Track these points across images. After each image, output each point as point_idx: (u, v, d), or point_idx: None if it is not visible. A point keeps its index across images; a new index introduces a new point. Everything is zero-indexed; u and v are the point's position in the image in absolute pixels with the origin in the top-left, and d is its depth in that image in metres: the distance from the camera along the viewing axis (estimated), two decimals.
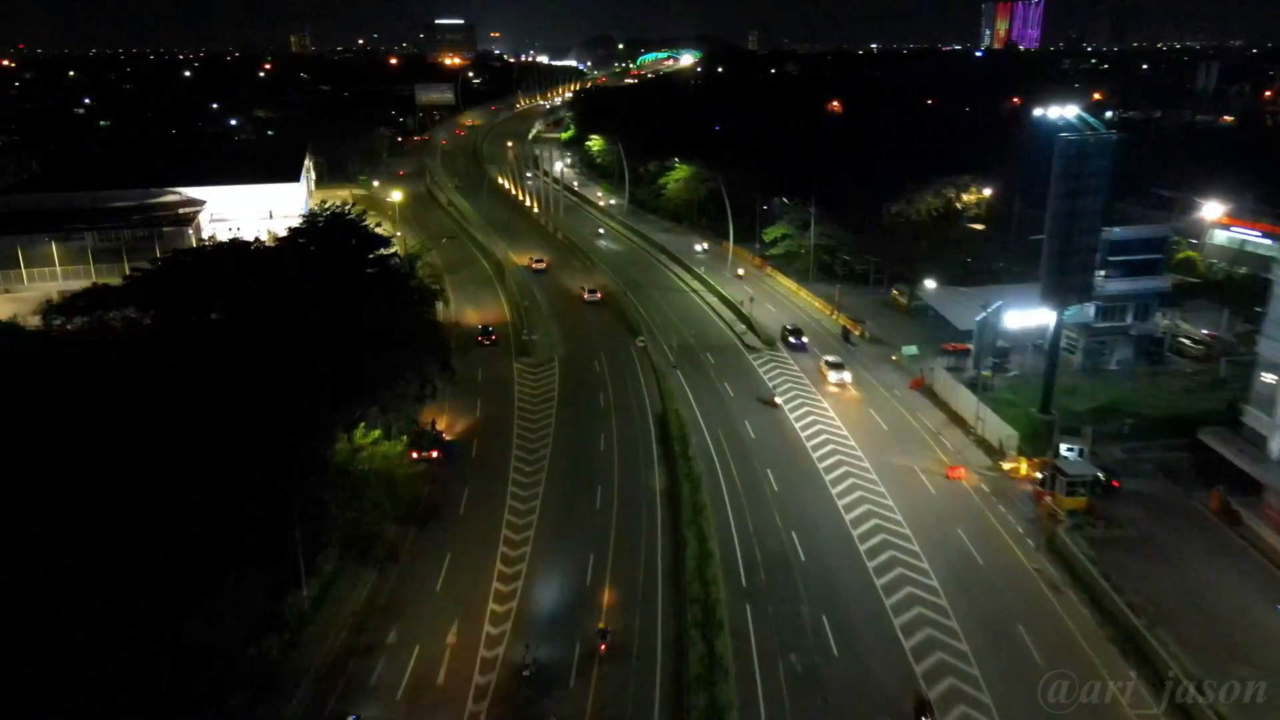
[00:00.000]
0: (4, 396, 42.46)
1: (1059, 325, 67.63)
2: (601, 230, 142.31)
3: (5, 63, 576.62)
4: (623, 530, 54.70)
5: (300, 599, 46.31)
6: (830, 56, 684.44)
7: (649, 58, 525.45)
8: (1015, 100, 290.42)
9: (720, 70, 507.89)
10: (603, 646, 43.45)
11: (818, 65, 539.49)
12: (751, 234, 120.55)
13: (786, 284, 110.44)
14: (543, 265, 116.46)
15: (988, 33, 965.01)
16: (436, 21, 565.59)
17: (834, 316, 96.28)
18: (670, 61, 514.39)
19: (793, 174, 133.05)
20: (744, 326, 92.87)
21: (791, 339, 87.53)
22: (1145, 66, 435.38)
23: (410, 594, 49.07)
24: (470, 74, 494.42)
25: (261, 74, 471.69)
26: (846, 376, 77.27)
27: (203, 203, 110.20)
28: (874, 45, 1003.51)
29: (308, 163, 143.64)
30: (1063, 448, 58.82)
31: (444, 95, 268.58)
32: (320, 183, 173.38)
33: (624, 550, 52.59)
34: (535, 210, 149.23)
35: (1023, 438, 62.63)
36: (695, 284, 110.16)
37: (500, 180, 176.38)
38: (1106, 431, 63.70)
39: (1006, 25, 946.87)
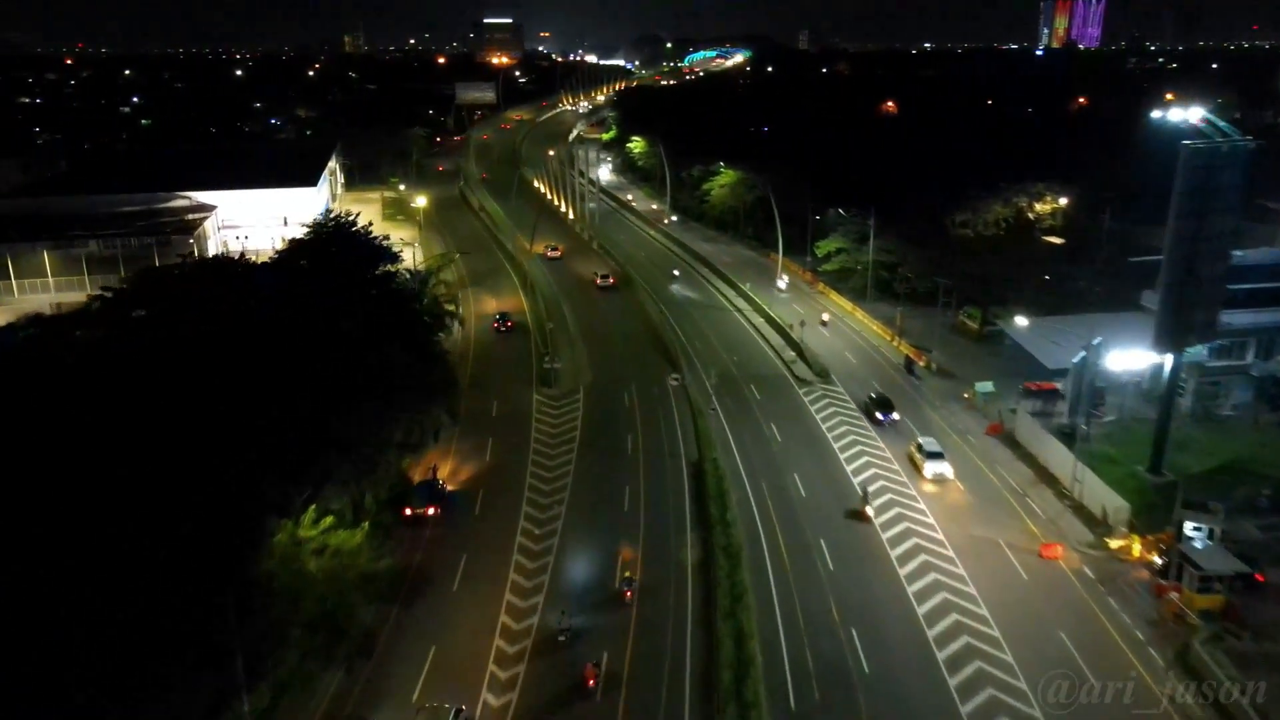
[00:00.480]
0: None
1: (1175, 370, 56.28)
2: (639, 238, 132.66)
3: (67, 61, 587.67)
4: (644, 621, 44.79)
5: (242, 715, 37.22)
6: (882, 56, 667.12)
7: (697, 57, 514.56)
8: (1080, 101, 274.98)
9: (769, 70, 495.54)
10: None
11: (869, 64, 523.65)
12: (802, 245, 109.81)
13: (840, 303, 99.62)
14: (558, 254, 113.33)
15: (1045, 31, 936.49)
16: (485, 20, 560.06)
17: (895, 343, 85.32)
18: (719, 61, 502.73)
19: (846, 180, 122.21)
20: (793, 354, 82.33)
21: (880, 413, 67.71)
22: (1215, 66, 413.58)
23: (382, 699, 39.79)
24: (516, 73, 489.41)
25: (311, 73, 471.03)
26: (947, 471, 58.69)
27: (212, 208, 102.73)
28: (927, 44, 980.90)
29: (332, 165, 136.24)
30: (1188, 527, 47.57)
31: (485, 94, 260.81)
32: (350, 185, 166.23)
33: (644, 650, 42.69)
34: (570, 216, 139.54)
35: (1133, 507, 51.43)
36: (740, 301, 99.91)
37: (536, 184, 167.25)
38: (1236, 502, 52.22)
39: (1066, 23, 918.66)
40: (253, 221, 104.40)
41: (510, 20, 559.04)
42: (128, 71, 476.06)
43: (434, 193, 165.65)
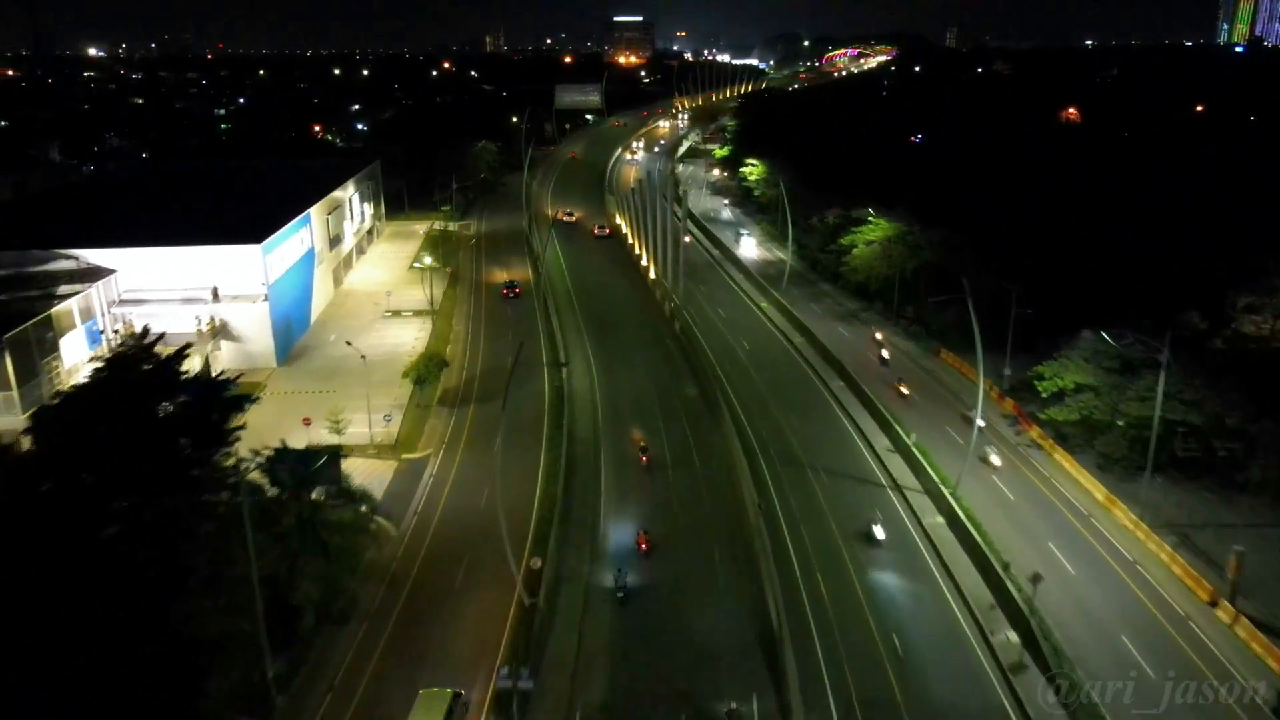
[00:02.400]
0: None
1: None
2: (743, 312, 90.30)
3: (208, 57, 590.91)
4: None
5: None
6: (1045, 54, 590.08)
7: (837, 55, 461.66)
8: None
9: (916, 69, 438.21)
10: None
11: (1032, 63, 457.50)
12: (991, 343, 65.55)
13: (1076, 473, 55.33)
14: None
15: (1225, 26, 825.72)
16: (615, 19, 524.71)
17: (1234, 623, 40.93)
18: (861, 59, 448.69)
19: (1064, 249, 77.65)
20: (1020, 655, 39.17)
21: None
22: None
23: None
24: (642, 73, 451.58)
25: (435, 73, 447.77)
26: None
27: (106, 274, 68.01)
28: (1089, 41, 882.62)
29: (345, 194, 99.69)
30: None
31: (588, 97, 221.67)
32: (398, 212, 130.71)
33: None
34: (652, 273, 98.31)
35: None
36: (904, 471, 56.92)
37: (619, 219, 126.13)
38: None
39: (1250, 17, 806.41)
40: (169, 292, 68.98)
41: (640, 18, 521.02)
42: (261, 71, 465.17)
43: (499, 225, 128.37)
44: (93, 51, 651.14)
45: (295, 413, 62.22)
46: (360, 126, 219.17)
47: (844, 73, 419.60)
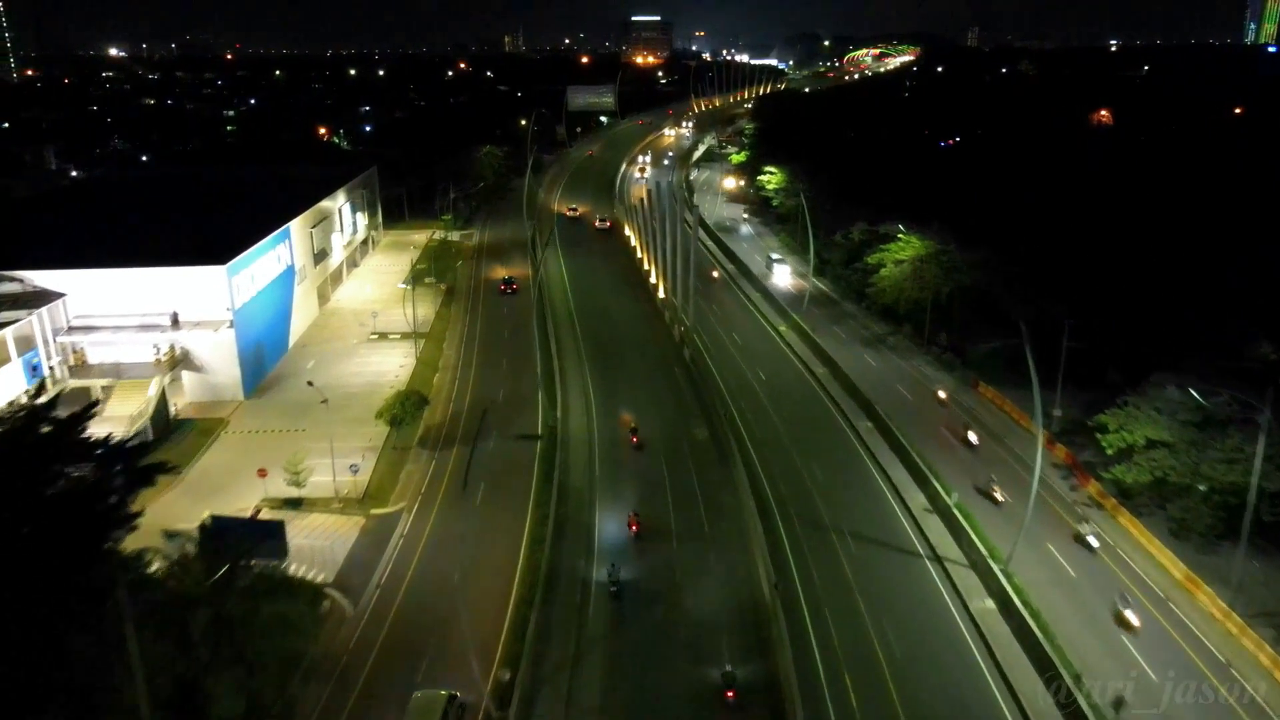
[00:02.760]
0: None
1: None
2: (759, 336, 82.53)
3: (228, 57, 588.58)
4: None
5: None
6: (1070, 53, 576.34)
7: (860, 55, 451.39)
8: None
9: (939, 70, 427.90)
10: None
11: (1057, 63, 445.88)
12: (1037, 376, 57.65)
13: (1149, 547, 47.24)
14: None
15: (1253, 26, 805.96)
16: (632, 19, 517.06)
17: None
18: (882, 59, 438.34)
19: (1099, 251, 69.64)
20: None
21: None
22: None
23: None
24: (659, 73, 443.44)
25: (450, 74, 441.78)
26: None
27: (54, 298, 61.30)
28: (1112, 42, 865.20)
29: (334, 204, 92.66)
30: None
31: (602, 98, 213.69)
32: (397, 220, 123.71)
33: None
34: (661, 292, 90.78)
35: None
36: (931, 521, 49.19)
37: (629, 231, 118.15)
38: None
39: (1278, 17, 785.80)
40: (124, 318, 62.17)
41: (658, 18, 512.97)
42: (278, 72, 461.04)
43: (503, 234, 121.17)
44: (114, 52, 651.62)
45: (258, 454, 55.31)
46: (368, 129, 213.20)
47: (869, 73, 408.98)
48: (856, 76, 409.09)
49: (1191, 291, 73.39)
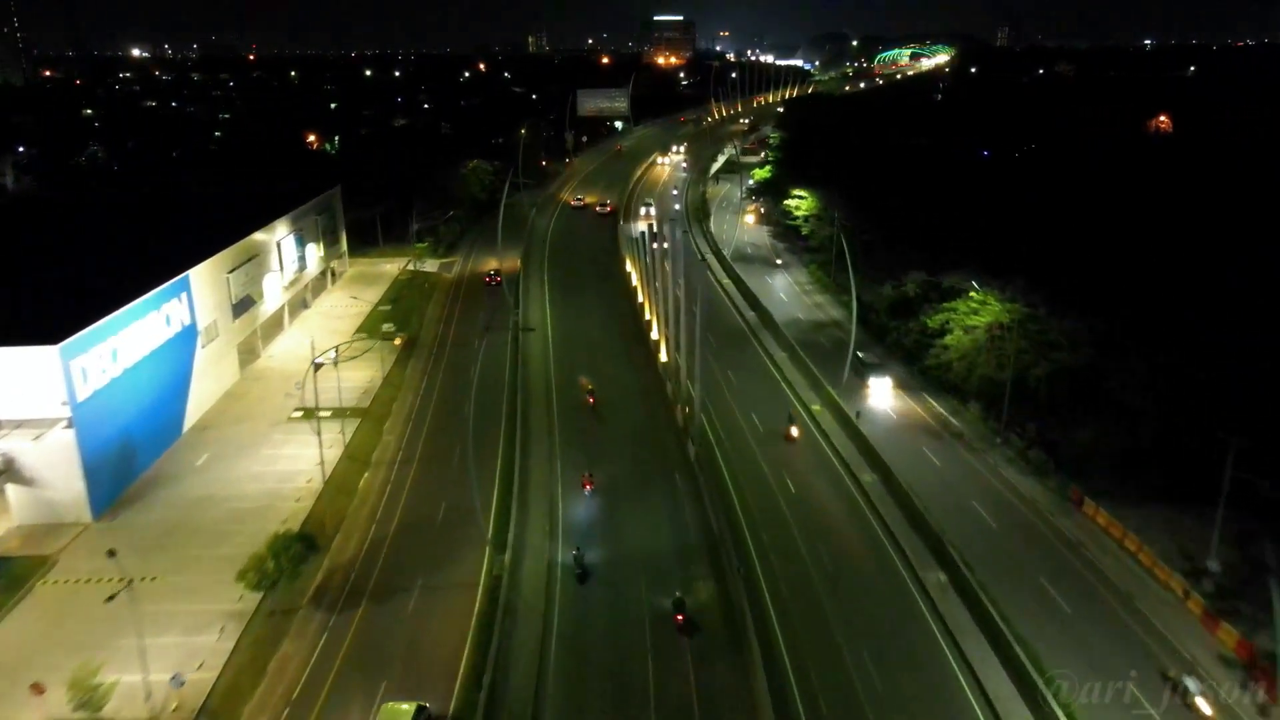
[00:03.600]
0: None
1: None
2: (783, 416, 63.72)
3: (250, 58, 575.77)
4: None
5: None
6: (1109, 54, 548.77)
7: (889, 55, 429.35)
8: None
9: (973, 71, 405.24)
10: None
11: (1097, 64, 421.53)
12: (1171, 499, 39.55)
13: None
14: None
15: None
16: (654, 18, 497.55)
17: None
18: (915, 60, 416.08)
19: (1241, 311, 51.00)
20: None
21: None
22: None
23: None
24: (681, 74, 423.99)
25: (468, 74, 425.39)
26: None
27: None
28: (1147, 42, 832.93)
29: (274, 237, 75.15)
30: None
31: (614, 103, 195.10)
32: (369, 247, 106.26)
33: None
34: (663, 354, 70.83)
35: None
36: None
37: (629, 267, 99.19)
38: None
39: None
40: None
41: (680, 17, 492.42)
42: (293, 73, 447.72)
43: (490, 261, 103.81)
44: (136, 52, 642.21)
45: (75, 626, 38.39)
46: (363, 132, 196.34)
47: (903, 74, 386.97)
48: (896, 77, 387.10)
49: None
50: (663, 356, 68.48)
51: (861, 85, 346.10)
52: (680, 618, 38.78)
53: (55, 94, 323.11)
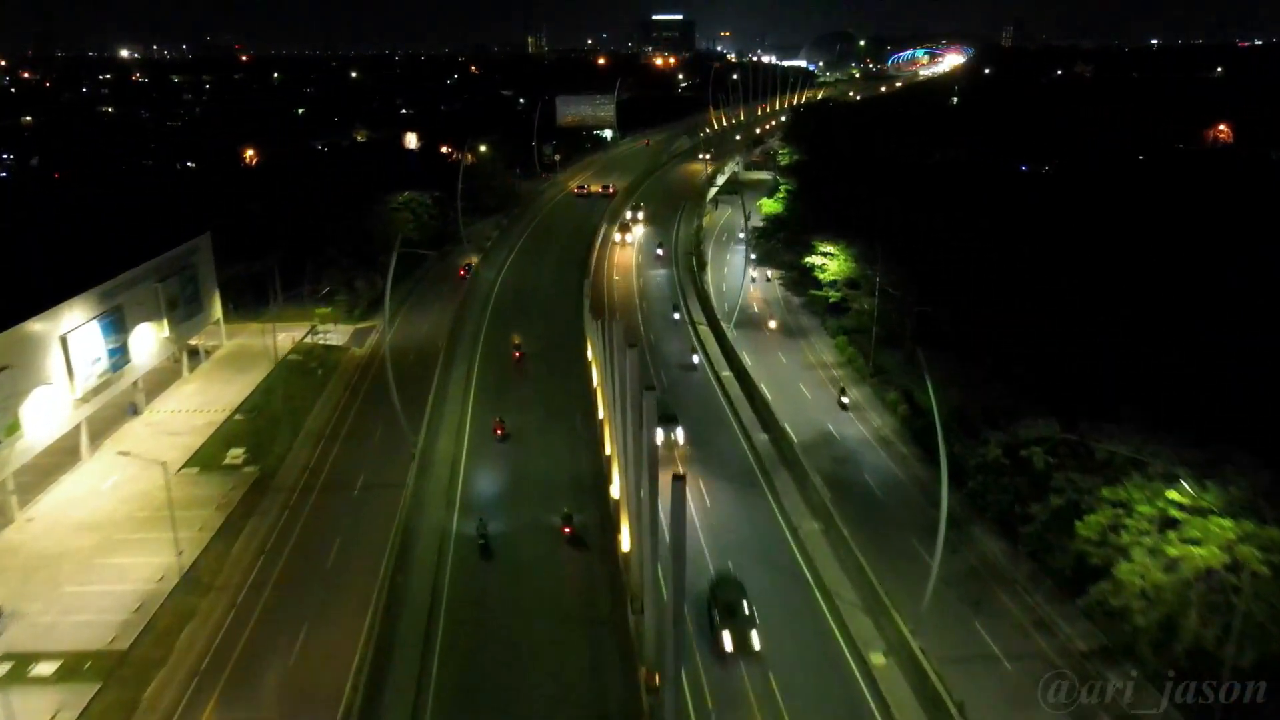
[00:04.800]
0: None
1: None
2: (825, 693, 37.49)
3: (243, 59, 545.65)
4: None
5: None
6: (1130, 53, 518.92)
7: (904, 57, 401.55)
8: None
9: (986, 72, 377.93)
10: None
11: (1116, 64, 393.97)
12: None
13: None
14: None
15: None
16: (653, 18, 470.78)
17: None
18: (928, 60, 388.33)
19: None
20: None
21: None
22: None
23: None
24: (680, 75, 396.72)
25: (457, 76, 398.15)
26: None
27: None
28: (1153, 41, 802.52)
29: (47, 327, 49.37)
30: None
31: (598, 111, 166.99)
32: (260, 308, 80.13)
33: None
34: (624, 539, 39.79)
35: None
36: None
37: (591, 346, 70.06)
38: None
39: None
40: None
41: (679, 17, 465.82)
42: (276, 74, 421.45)
43: (424, 326, 77.90)
44: (124, 53, 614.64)
45: None
46: (321, 147, 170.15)
47: (920, 75, 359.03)
48: (912, 79, 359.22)
49: None
50: (623, 540, 41.86)
51: (882, 90, 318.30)
52: (568, 529, 42.84)
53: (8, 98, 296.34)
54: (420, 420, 53.91)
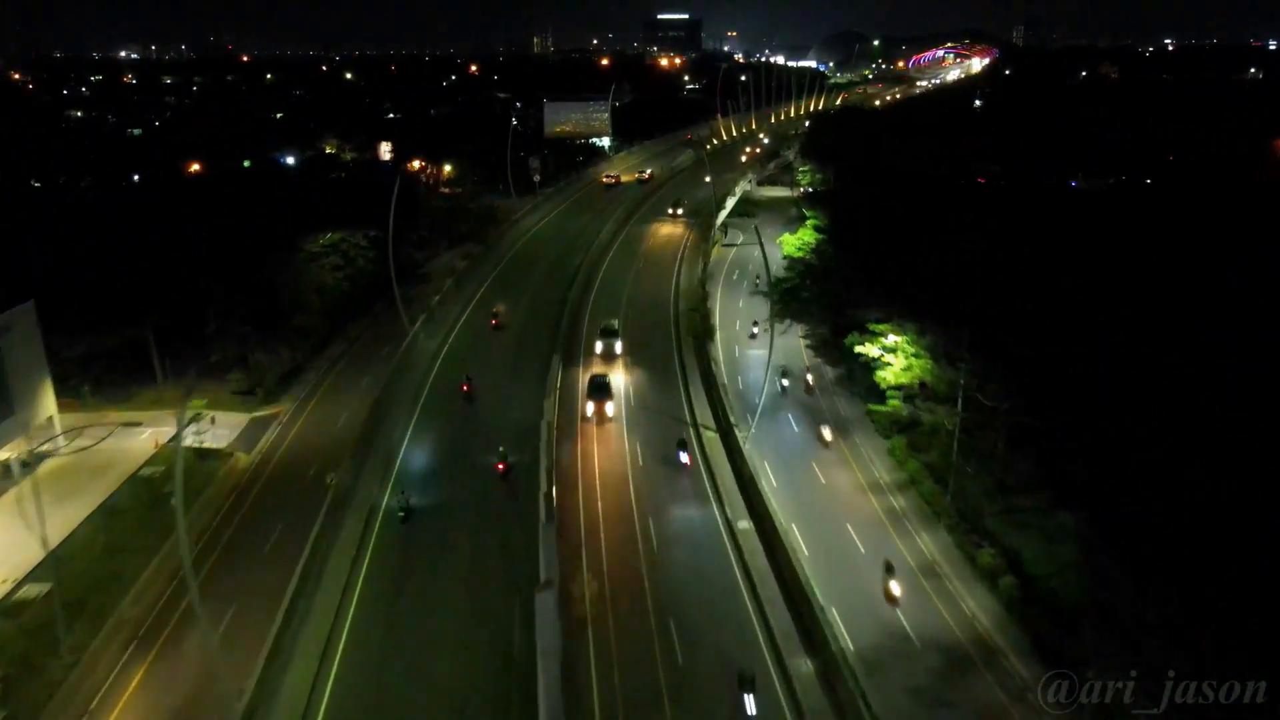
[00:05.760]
0: None
1: None
2: None
3: (245, 58, 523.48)
4: None
5: None
6: (1157, 53, 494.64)
7: (927, 58, 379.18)
8: None
9: (1007, 74, 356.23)
10: None
11: (1143, 65, 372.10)
12: None
13: None
14: None
15: None
16: (658, 17, 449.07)
17: None
18: (959, 60, 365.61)
19: None
20: None
21: None
22: None
23: None
24: (685, 77, 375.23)
25: (454, 77, 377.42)
26: None
27: None
28: (1167, 41, 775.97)
29: None
30: None
31: (592, 119, 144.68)
32: (144, 387, 60.58)
33: None
34: None
35: None
36: None
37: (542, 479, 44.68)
38: None
39: None
40: None
41: (686, 16, 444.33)
42: (269, 75, 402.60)
43: (340, 416, 57.97)
44: (124, 54, 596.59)
45: None
46: (290, 161, 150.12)
47: (946, 77, 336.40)
48: (931, 82, 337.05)
49: None
50: None
51: (897, 94, 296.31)
52: (501, 466, 46.00)
53: None
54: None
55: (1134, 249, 72.30)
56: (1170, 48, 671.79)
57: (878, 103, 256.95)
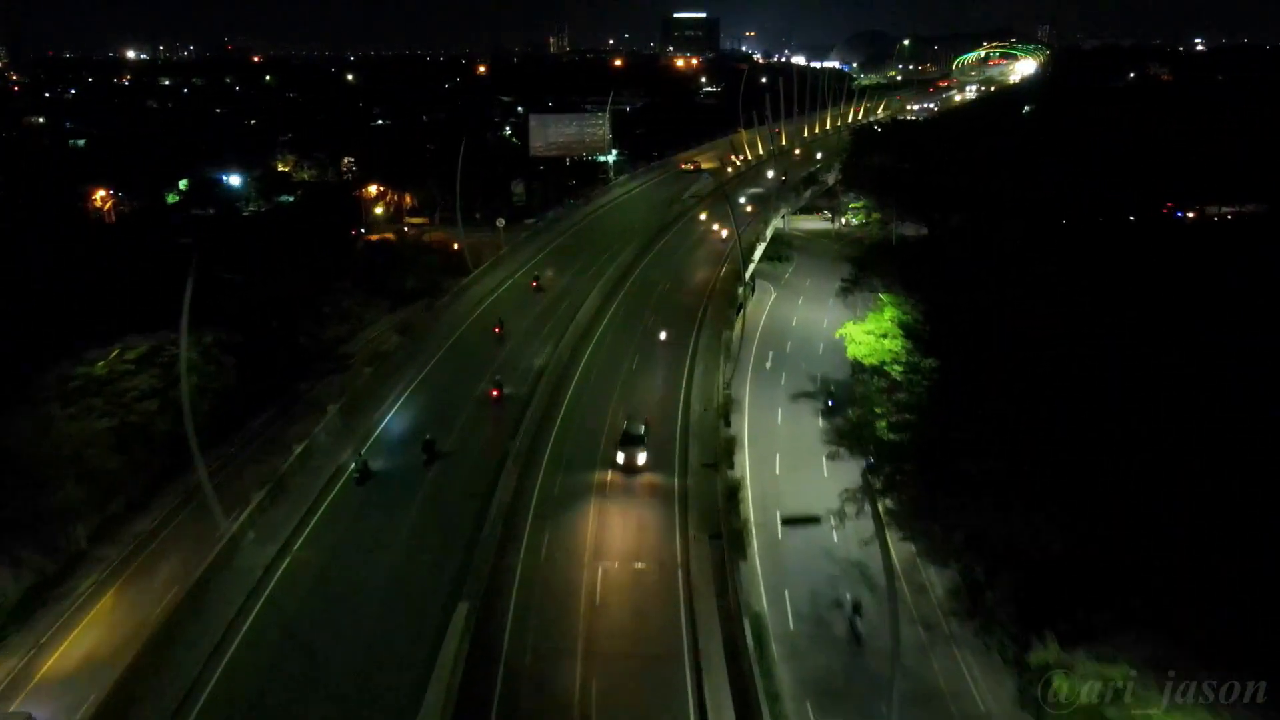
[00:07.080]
0: None
1: None
2: None
3: (254, 59, 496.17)
4: None
5: None
6: (1161, 53, 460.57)
7: (968, 57, 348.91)
8: None
9: (1046, 75, 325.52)
10: None
11: (1194, 66, 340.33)
12: None
13: None
14: None
15: None
16: (675, 16, 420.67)
17: None
18: (1007, 62, 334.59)
19: None
20: None
21: None
22: None
23: None
24: (703, 79, 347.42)
25: (459, 79, 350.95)
26: None
27: None
28: (1197, 40, 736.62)
29: None
30: None
31: (586, 132, 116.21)
32: None
33: None
34: None
35: None
36: None
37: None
38: None
39: None
40: None
41: (703, 15, 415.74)
42: (268, 77, 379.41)
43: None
44: (131, 54, 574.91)
45: None
46: (235, 182, 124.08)
47: (996, 81, 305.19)
48: (982, 89, 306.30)
49: None
50: None
51: (931, 106, 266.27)
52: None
53: None
54: None
55: None
56: (1200, 48, 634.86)
57: (914, 107, 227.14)
